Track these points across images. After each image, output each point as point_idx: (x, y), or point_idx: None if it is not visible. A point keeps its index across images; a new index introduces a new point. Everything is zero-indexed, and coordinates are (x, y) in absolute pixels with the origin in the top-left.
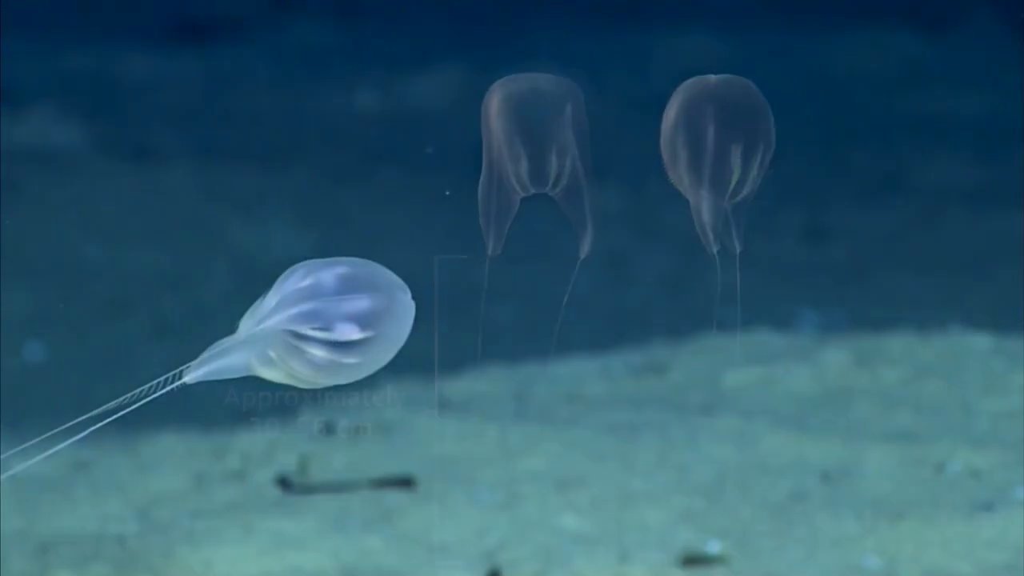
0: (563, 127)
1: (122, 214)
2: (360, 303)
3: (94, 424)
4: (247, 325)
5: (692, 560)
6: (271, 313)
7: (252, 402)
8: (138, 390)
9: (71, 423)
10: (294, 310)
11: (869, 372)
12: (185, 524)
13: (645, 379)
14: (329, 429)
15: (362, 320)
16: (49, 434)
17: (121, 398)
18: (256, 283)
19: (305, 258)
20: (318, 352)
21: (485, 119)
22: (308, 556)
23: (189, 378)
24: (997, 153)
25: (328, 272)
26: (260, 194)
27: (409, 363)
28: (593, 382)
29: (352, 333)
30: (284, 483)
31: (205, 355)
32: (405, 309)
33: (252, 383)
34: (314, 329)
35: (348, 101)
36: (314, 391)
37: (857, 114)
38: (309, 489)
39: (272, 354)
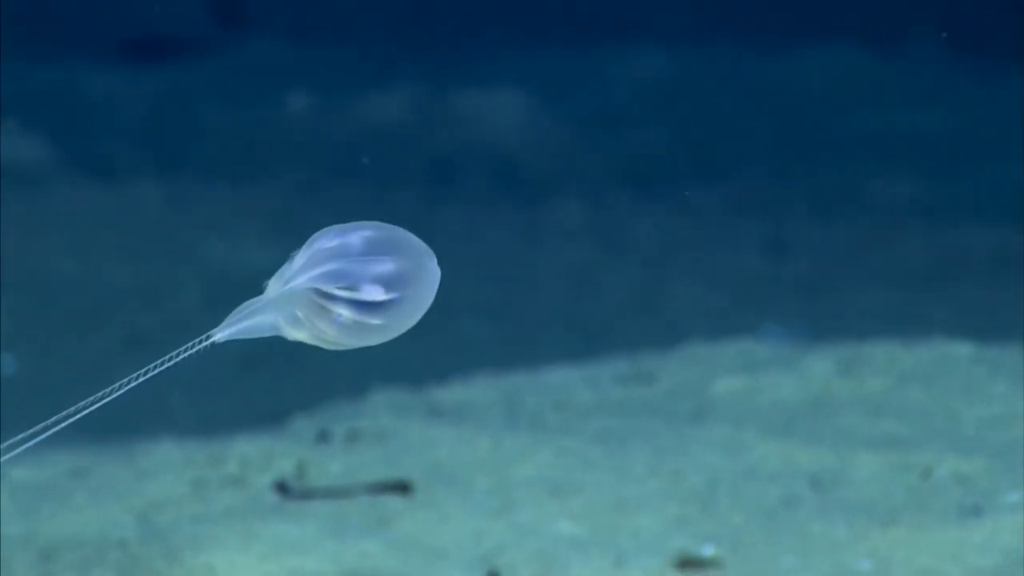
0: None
1: (92, 229)
2: (386, 265)
3: (119, 389)
4: (275, 285)
5: (687, 563)
6: (298, 273)
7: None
8: (165, 358)
9: (77, 407)
10: (321, 269)
11: (853, 380)
12: (186, 530)
13: (632, 388)
14: (324, 436)
15: (388, 282)
16: (53, 419)
17: (146, 367)
18: (227, 296)
19: (275, 270)
20: (344, 312)
21: None
22: (308, 560)
23: (218, 337)
24: (950, 168)
25: (355, 234)
26: (227, 209)
27: (398, 371)
28: (581, 391)
29: (378, 294)
30: (282, 489)
31: (233, 315)
32: (431, 275)
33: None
34: (340, 289)
35: (309, 117)
36: (306, 398)
37: (809, 130)
38: (307, 495)
39: (299, 314)
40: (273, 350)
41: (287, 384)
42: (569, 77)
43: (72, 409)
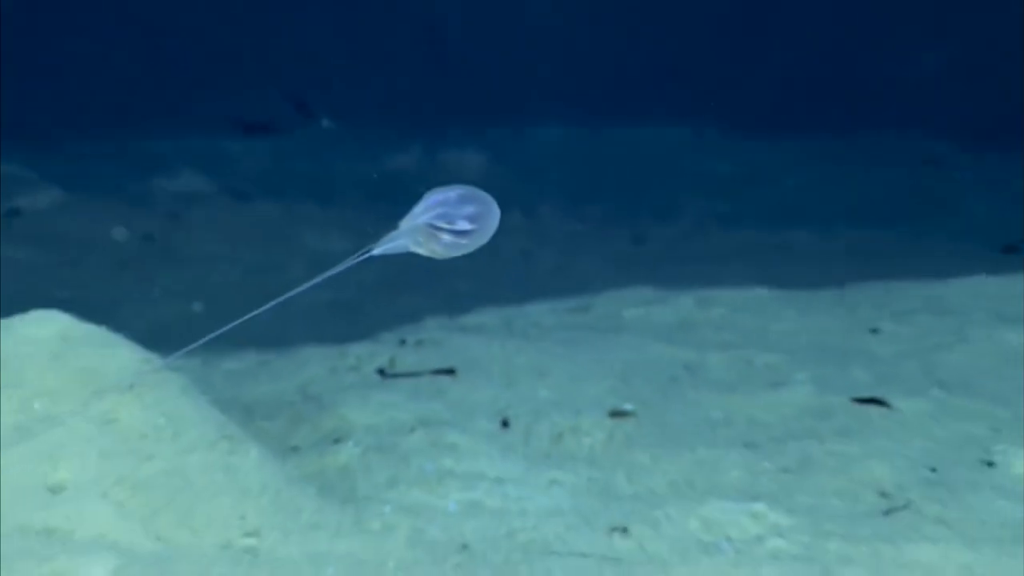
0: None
1: (238, 229)
2: (471, 208)
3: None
4: (406, 222)
5: (616, 414)
6: (420, 215)
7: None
8: (338, 265)
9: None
10: (433, 212)
11: (705, 310)
12: (327, 396)
13: (577, 315)
14: (403, 343)
15: (472, 218)
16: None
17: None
18: (321, 267)
19: (349, 253)
20: (446, 237)
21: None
22: (399, 413)
23: (376, 252)
24: (734, 194)
25: (452, 192)
26: (317, 219)
27: (438, 310)
28: (547, 317)
29: (466, 225)
30: (382, 372)
31: (383, 239)
32: (495, 215)
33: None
34: (444, 223)
35: (358, 167)
36: (381, 327)
37: (649, 171)
38: (396, 376)
39: (420, 238)
40: (350, 298)
41: (369, 319)
42: (507, 143)
43: (258, 311)
